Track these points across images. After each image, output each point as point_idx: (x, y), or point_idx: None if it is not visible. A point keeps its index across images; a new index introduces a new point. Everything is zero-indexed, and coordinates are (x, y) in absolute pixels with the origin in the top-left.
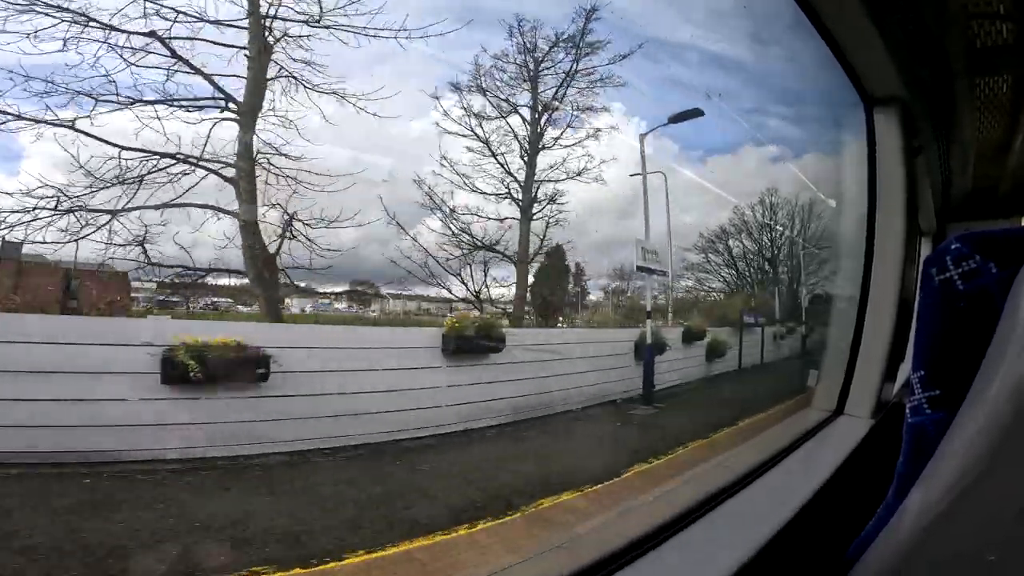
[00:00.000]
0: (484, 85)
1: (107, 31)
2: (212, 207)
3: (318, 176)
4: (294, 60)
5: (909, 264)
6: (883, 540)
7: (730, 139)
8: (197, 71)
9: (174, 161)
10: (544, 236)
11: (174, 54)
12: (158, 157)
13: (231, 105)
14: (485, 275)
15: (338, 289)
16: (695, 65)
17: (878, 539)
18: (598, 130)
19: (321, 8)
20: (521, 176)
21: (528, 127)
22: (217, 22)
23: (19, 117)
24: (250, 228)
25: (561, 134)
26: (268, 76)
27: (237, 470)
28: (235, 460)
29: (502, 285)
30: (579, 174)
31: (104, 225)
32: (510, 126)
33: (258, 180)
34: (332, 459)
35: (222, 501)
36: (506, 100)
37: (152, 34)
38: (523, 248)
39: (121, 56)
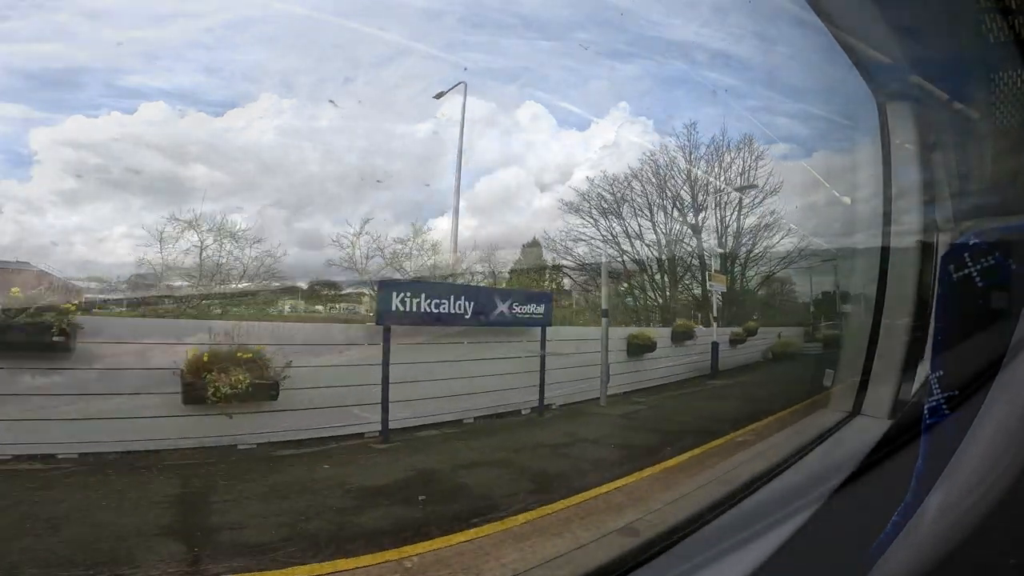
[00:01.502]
0: None
1: None
2: None
3: None
4: None
5: (926, 262)
6: (903, 540)
7: (736, 137)
8: None
9: None
10: None
11: None
12: None
13: None
14: None
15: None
16: (704, 64)
17: (898, 539)
18: None
19: None
20: None
21: None
22: None
23: None
24: None
25: None
26: None
27: None
28: None
29: None
30: None
31: None
32: None
33: None
34: None
35: None
36: None
37: None
38: None
39: None
